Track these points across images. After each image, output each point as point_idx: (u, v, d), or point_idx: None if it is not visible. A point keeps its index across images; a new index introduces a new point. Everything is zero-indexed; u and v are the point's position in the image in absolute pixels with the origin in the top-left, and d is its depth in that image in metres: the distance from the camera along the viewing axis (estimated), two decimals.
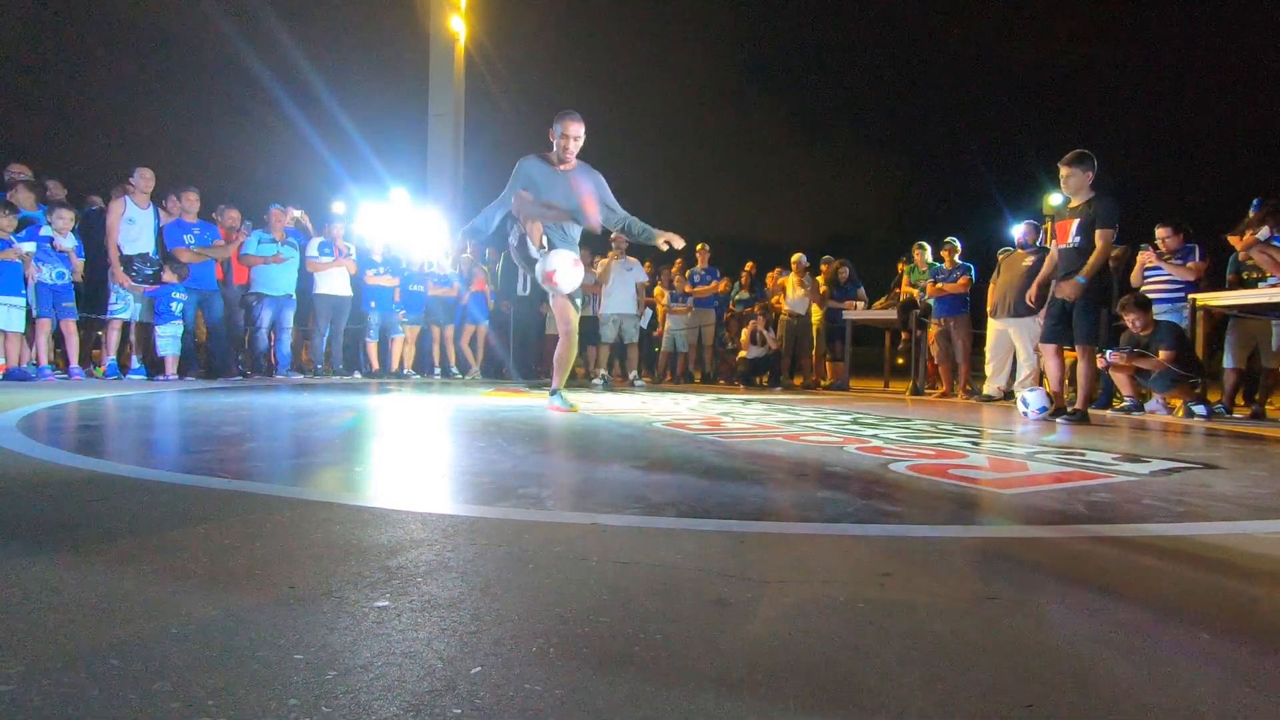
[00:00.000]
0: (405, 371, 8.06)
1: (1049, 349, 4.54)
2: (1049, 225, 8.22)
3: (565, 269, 3.85)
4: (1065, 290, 4.17)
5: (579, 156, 3.96)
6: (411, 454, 2.44)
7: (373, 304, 7.72)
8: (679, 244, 4.00)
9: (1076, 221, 4.26)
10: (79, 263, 5.88)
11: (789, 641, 0.85)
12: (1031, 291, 4.88)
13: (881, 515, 1.55)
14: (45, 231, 5.63)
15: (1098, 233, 4.11)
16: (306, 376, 7.22)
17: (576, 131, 3.83)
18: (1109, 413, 5.40)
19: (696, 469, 2.10)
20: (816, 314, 8.68)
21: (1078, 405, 4.31)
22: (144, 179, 6.13)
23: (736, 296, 9.54)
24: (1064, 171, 4.29)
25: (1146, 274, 5.81)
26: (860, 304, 8.40)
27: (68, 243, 5.74)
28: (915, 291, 7.94)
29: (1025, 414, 4.50)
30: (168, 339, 6.08)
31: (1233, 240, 5.51)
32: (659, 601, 0.97)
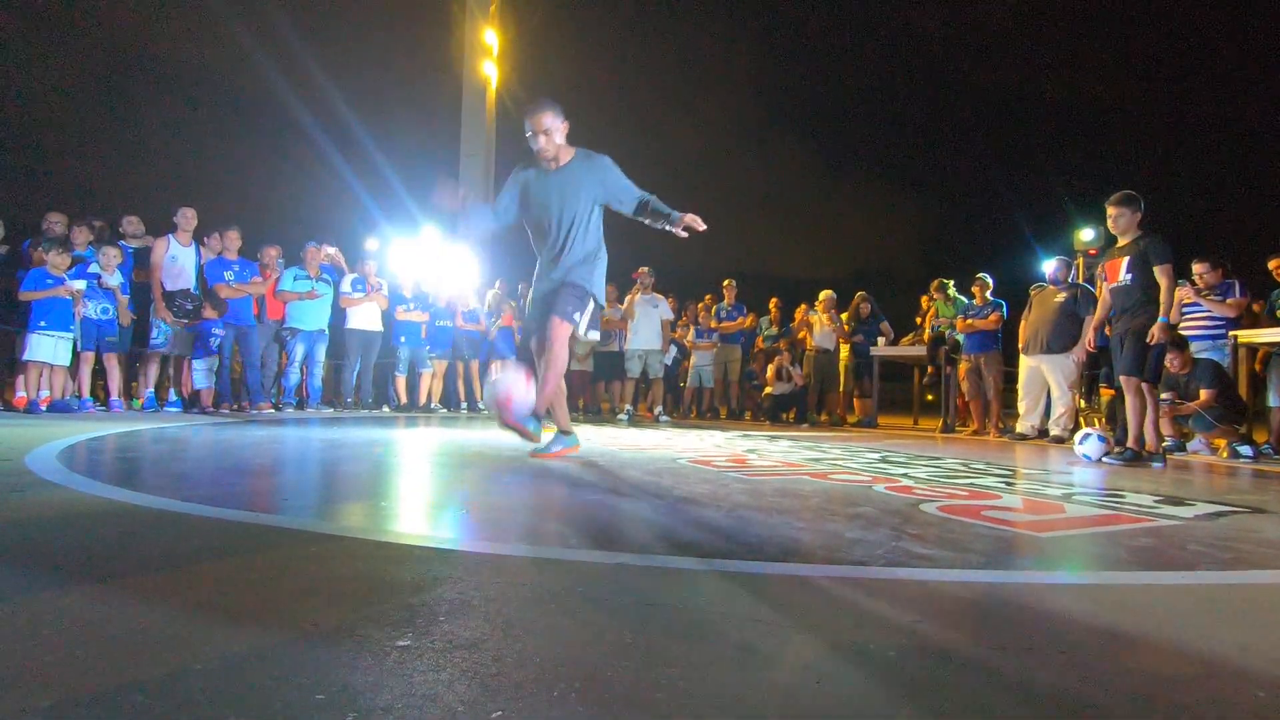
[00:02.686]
0: (432, 405, 8.14)
1: (1130, 383, 4.37)
2: (1080, 261, 8.10)
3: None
4: (1156, 334, 4.09)
5: (582, 146, 3.36)
6: (436, 489, 2.45)
7: (402, 339, 7.86)
8: (700, 227, 3.23)
9: (1127, 259, 4.25)
10: (124, 299, 6.08)
11: (817, 690, 0.83)
12: (1090, 338, 4.78)
13: (912, 558, 1.51)
14: (93, 269, 5.85)
15: (1156, 269, 4.09)
16: (336, 410, 7.33)
17: (539, 125, 3.18)
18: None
19: (722, 508, 2.07)
20: (844, 349, 8.61)
21: (1128, 444, 4.15)
22: (186, 218, 6.37)
23: (765, 333, 9.52)
24: (1112, 211, 4.30)
25: (1185, 310, 5.68)
26: (884, 339, 8.33)
27: (114, 280, 5.95)
28: (928, 328, 7.88)
29: (1089, 459, 4.11)
30: (203, 372, 6.23)
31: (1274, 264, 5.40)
32: (683, 646, 0.95)
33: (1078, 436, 4.34)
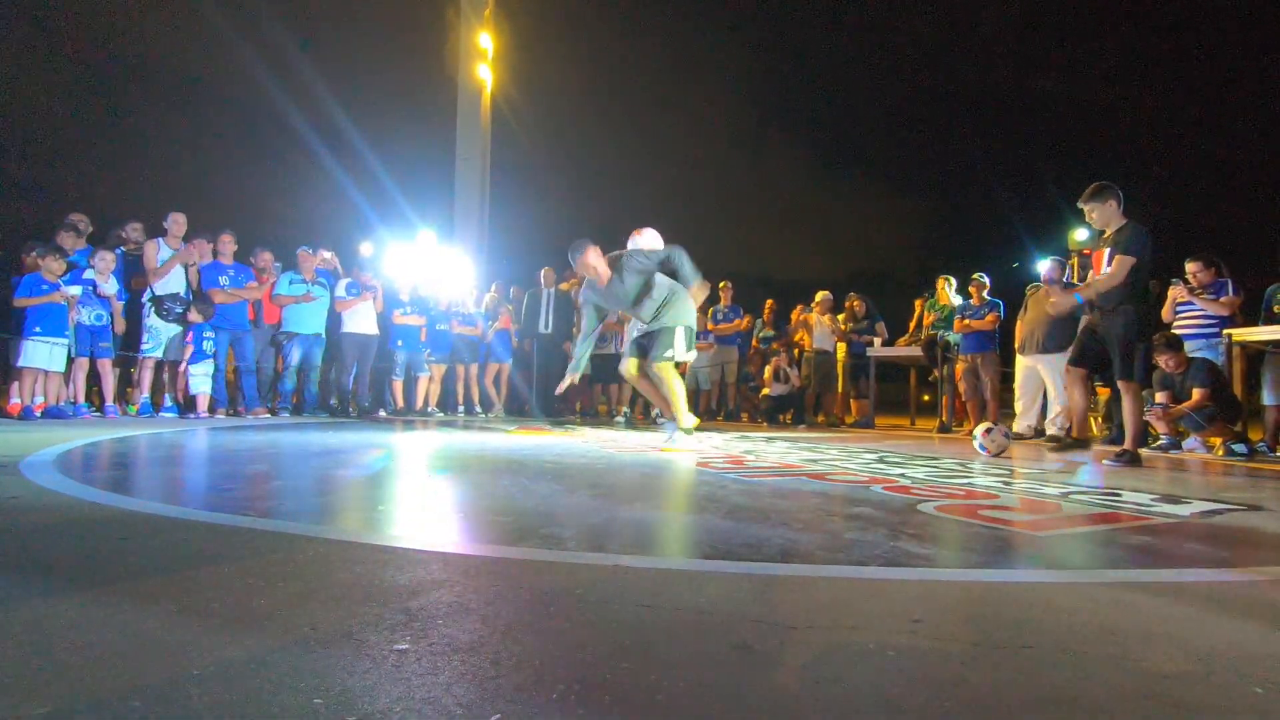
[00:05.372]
0: (430, 409, 8.13)
1: (1130, 387, 4.29)
2: (1074, 261, 8.12)
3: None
4: (1059, 304, 4.20)
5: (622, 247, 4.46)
6: (433, 493, 2.45)
7: (399, 343, 7.83)
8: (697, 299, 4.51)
9: (1108, 251, 4.10)
10: (119, 306, 6.06)
11: (816, 690, 0.83)
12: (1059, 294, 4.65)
13: (911, 558, 1.51)
14: (88, 275, 5.83)
15: (1117, 258, 3.99)
16: (333, 414, 7.31)
17: (578, 270, 4.36)
18: (1145, 451, 5.23)
19: (720, 509, 2.07)
20: (841, 350, 8.62)
21: (1127, 445, 4.10)
22: (176, 223, 6.36)
23: (761, 334, 9.52)
24: (1085, 208, 4.17)
25: (1178, 309, 5.70)
26: (879, 339, 8.34)
27: (110, 287, 5.93)
28: (928, 327, 7.87)
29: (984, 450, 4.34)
30: (199, 377, 6.21)
31: None
32: (682, 647, 0.95)
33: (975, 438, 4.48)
